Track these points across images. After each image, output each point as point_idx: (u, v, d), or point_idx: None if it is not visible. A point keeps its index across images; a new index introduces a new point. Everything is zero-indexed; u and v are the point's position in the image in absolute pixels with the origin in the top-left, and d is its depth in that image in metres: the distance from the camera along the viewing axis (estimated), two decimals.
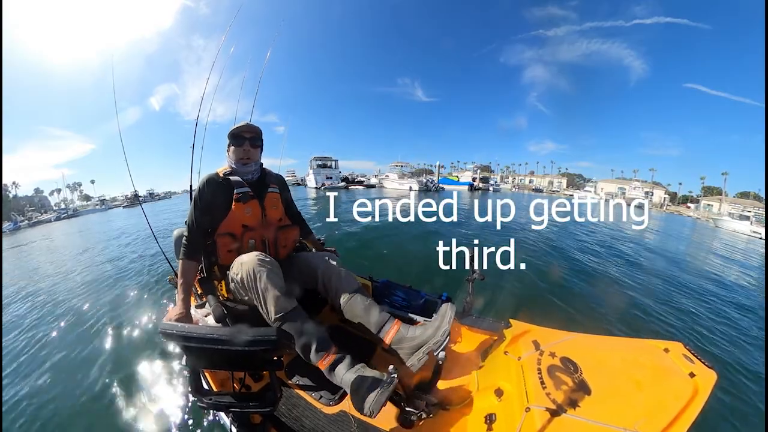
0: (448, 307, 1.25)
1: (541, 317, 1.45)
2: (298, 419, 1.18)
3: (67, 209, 41.19)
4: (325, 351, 1.18)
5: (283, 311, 1.20)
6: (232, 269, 1.34)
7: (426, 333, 1.20)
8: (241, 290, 1.32)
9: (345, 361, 1.16)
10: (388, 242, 6.23)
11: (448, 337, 1.20)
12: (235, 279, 1.31)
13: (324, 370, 1.17)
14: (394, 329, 1.27)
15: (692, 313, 3.65)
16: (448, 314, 1.22)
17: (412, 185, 30.17)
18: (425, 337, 1.20)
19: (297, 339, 1.19)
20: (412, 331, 1.24)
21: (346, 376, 1.12)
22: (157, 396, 2.09)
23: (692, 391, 0.83)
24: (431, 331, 1.20)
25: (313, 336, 1.19)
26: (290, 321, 1.20)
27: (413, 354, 1.20)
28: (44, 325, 3.53)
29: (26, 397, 2.23)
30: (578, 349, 1.06)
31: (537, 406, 0.88)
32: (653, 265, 5.90)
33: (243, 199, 1.45)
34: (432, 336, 1.19)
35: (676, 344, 1.01)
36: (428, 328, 1.22)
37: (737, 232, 19.66)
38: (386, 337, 1.27)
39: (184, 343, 0.92)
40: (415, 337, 1.22)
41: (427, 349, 1.17)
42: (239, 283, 1.29)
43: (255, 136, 1.53)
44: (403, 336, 1.24)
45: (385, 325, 1.29)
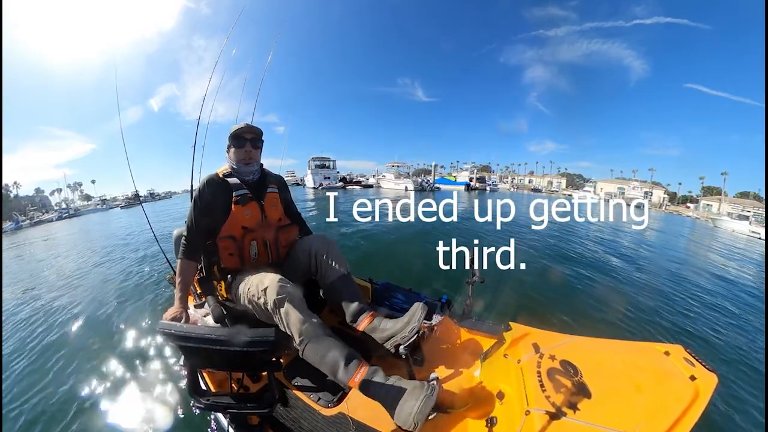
0: (418, 305, 1.29)
1: (541, 320, 1.45)
2: (296, 420, 1.18)
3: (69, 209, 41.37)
4: (356, 368, 1.13)
5: (306, 336, 1.20)
6: (249, 289, 1.34)
7: (396, 327, 1.27)
8: (255, 309, 1.33)
9: (378, 375, 1.11)
10: (388, 244, 6.23)
11: (416, 334, 1.23)
12: (254, 301, 1.31)
13: (357, 387, 1.11)
14: (367, 319, 1.36)
15: (692, 315, 3.64)
16: (418, 313, 1.26)
17: (408, 185, 30.68)
18: (394, 330, 1.26)
19: (322, 360, 1.17)
20: (384, 324, 1.32)
21: (382, 389, 1.07)
22: (155, 396, 2.08)
23: (693, 394, 0.82)
24: (400, 326, 1.26)
25: (339, 355, 1.16)
26: (314, 343, 1.19)
27: (383, 344, 1.29)
28: (41, 324, 3.52)
29: (21, 397, 2.22)
30: (578, 352, 1.06)
31: (537, 410, 0.88)
32: (653, 266, 5.89)
33: (242, 201, 1.45)
34: (400, 330, 1.25)
35: (676, 347, 1.01)
36: (398, 323, 1.28)
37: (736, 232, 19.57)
38: (359, 326, 1.36)
39: (182, 343, 0.92)
40: (386, 329, 1.29)
41: (395, 342, 1.24)
42: (257, 305, 1.30)
43: (256, 137, 1.54)
44: (375, 327, 1.33)
45: (361, 315, 1.38)
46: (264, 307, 1.26)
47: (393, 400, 1.01)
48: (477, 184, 41.92)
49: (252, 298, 1.31)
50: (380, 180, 38.65)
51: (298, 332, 1.19)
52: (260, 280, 1.31)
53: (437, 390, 1.01)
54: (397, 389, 1.03)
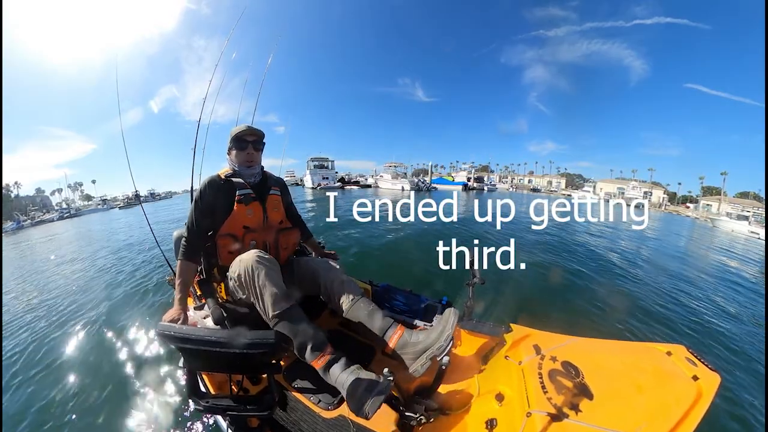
0: (451, 312, 1.24)
1: (542, 321, 1.44)
2: (296, 423, 1.17)
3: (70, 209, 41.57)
4: (321, 351, 1.17)
5: (280, 309, 1.19)
6: (231, 267, 1.33)
7: (430, 338, 1.20)
8: (238, 288, 1.31)
9: (340, 362, 1.15)
10: (388, 245, 6.22)
11: (452, 342, 1.19)
12: (233, 276, 1.30)
13: (319, 369, 1.16)
14: (397, 334, 1.27)
15: (693, 315, 3.63)
16: (452, 319, 1.21)
17: (404, 185, 30.91)
18: (429, 342, 1.19)
19: (294, 337, 1.19)
20: (416, 336, 1.24)
21: (341, 376, 1.12)
22: (154, 398, 2.08)
23: (695, 394, 0.82)
24: (434, 336, 1.19)
25: (311, 335, 1.19)
26: (287, 320, 1.20)
27: (416, 359, 1.20)
28: (40, 325, 3.52)
29: (22, 399, 2.22)
30: (579, 353, 1.05)
31: (538, 411, 0.87)
32: (653, 266, 5.89)
33: (245, 200, 1.45)
34: (435, 341, 1.18)
35: (678, 347, 1.00)
36: (431, 332, 1.21)
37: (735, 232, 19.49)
38: (390, 342, 1.26)
39: (182, 345, 0.91)
40: (419, 342, 1.21)
41: (431, 354, 1.17)
42: (237, 280, 1.28)
43: (258, 139, 1.53)
44: (406, 341, 1.24)
45: (388, 330, 1.29)
46: (238, 280, 1.26)
47: (353, 388, 1.06)
48: (475, 184, 42.18)
49: (232, 276, 1.30)
50: (378, 180, 38.93)
51: (271, 303, 1.19)
52: (240, 257, 1.30)
53: (390, 384, 1.06)
54: (356, 380, 1.08)
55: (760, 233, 18.29)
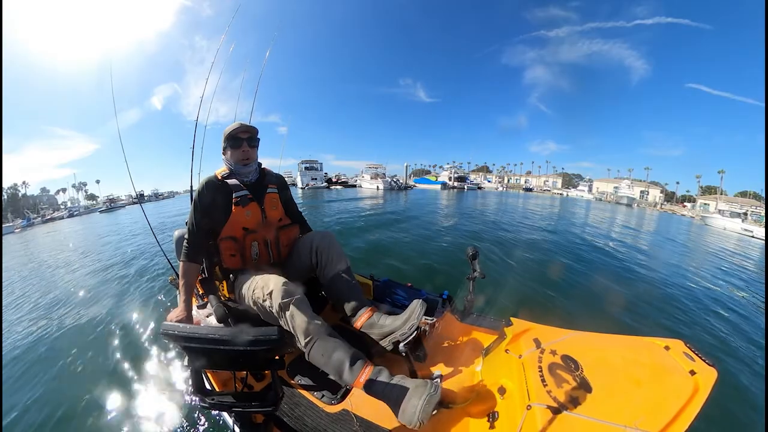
0: (418, 302, 1.29)
1: (542, 315, 1.45)
2: (300, 418, 1.18)
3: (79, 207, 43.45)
4: (361, 368, 1.13)
5: (311, 337, 1.20)
6: (253, 292, 1.33)
7: (395, 324, 1.27)
8: (263, 313, 1.32)
9: (383, 374, 1.11)
10: (389, 241, 6.24)
11: (416, 331, 1.24)
12: (258, 303, 1.31)
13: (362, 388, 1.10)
14: (366, 315, 1.36)
15: (690, 310, 3.64)
16: (417, 310, 1.26)
17: (379, 185, 34.02)
18: (393, 327, 1.27)
19: (327, 362, 1.16)
20: (383, 320, 1.32)
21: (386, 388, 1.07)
22: (159, 397, 2.10)
23: (693, 388, 0.83)
24: (399, 323, 1.26)
25: (345, 355, 1.15)
26: (319, 345, 1.19)
27: (380, 341, 1.29)
28: (43, 324, 3.55)
29: (25, 397, 2.25)
30: (579, 347, 1.06)
31: (538, 404, 0.88)
32: (649, 261, 5.89)
33: (242, 202, 1.45)
34: (399, 327, 1.25)
35: (676, 342, 1.01)
36: (397, 319, 1.29)
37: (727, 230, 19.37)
38: (358, 321, 1.36)
39: (186, 344, 0.92)
40: (384, 326, 1.30)
41: (393, 338, 1.25)
42: (262, 307, 1.29)
43: (252, 135, 1.52)
44: (373, 322, 1.33)
45: (360, 310, 1.38)
46: (269, 310, 1.26)
47: (397, 398, 1.02)
48: (456, 183, 45.14)
49: (257, 301, 1.31)
50: (360, 180, 42.46)
51: (303, 334, 1.20)
52: (265, 283, 1.30)
53: (440, 388, 1.02)
54: (400, 388, 1.04)
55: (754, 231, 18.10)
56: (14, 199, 59.08)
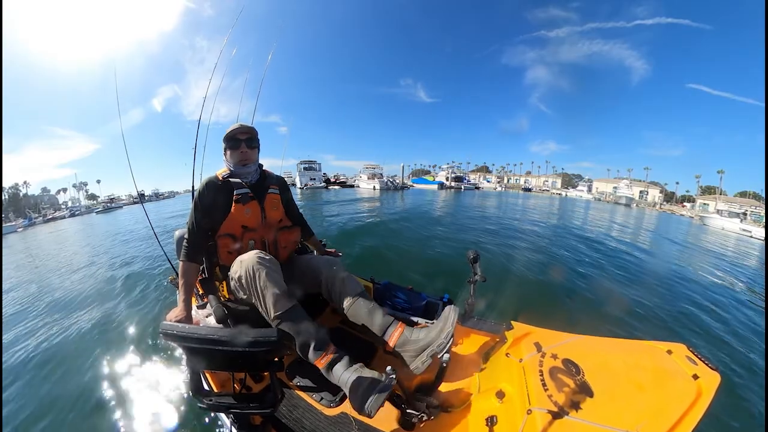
0: (451, 309, 1.24)
1: (542, 319, 1.44)
2: (298, 421, 1.18)
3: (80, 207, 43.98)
4: (324, 350, 1.18)
5: (282, 309, 1.20)
6: (232, 268, 1.33)
7: (430, 335, 1.20)
8: (240, 289, 1.32)
9: (343, 361, 1.16)
10: (389, 243, 6.23)
11: (452, 339, 1.18)
12: (234, 277, 1.30)
13: (322, 368, 1.17)
14: (398, 332, 1.26)
15: (692, 314, 3.62)
16: (452, 316, 1.21)
17: (375, 185, 34.71)
18: (429, 340, 1.19)
19: (296, 337, 1.19)
20: (416, 334, 1.23)
21: (344, 375, 1.12)
22: (157, 397, 2.09)
23: (696, 393, 0.82)
24: (434, 334, 1.19)
25: (313, 334, 1.19)
26: (289, 320, 1.20)
27: (417, 356, 1.19)
28: (42, 322, 3.55)
29: (24, 396, 2.24)
30: (580, 351, 1.05)
31: (538, 408, 0.87)
32: (646, 263, 5.87)
33: (242, 200, 1.45)
34: (436, 338, 1.18)
35: (679, 346, 1.00)
36: (431, 330, 1.21)
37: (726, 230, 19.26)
38: (390, 340, 1.26)
39: (185, 344, 0.92)
40: (419, 340, 1.21)
41: (431, 351, 1.16)
42: (238, 281, 1.29)
43: (251, 137, 1.52)
44: (407, 339, 1.23)
45: (389, 328, 1.29)
46: (239, 281, 1.26)
47: (355, 386, 1.06)
48: (452, 183, 46.26)
49: (233, 276, 1.30)
50: (358, 180, 43.29)
51: (273, 304, 1.20)
52: (240, 257, 1.30)
53: (393, 382, 1.06)
54: (358, 378, 1.08)
55: (752, 231, 18.01)
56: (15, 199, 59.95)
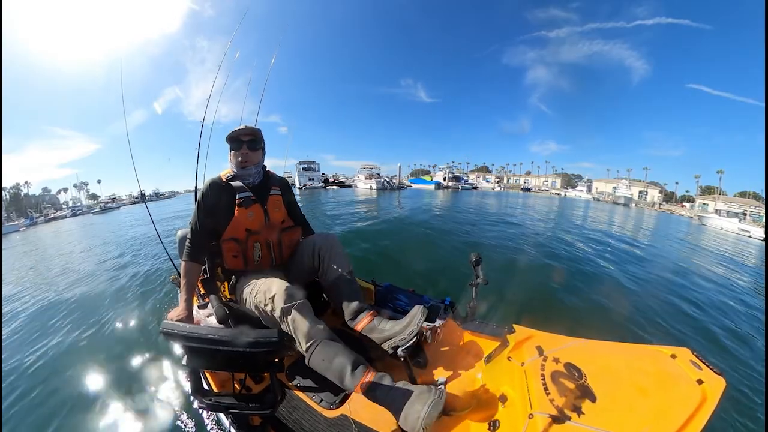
0: (419, 308, 1.29)
1: (545, 322, 1.43)
2: (298, 422, 1.17)
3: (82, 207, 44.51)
4: (362, 373, 1.13)
5: (313, 342, 1.20)
6: (255, 295, 1.34)
7: (395, 329, 1.27)
8: (264, 317, 1.33)
9: (386, 379, 1.11)
10: (391, 245, 6.22)
11: (415, 337, 1.23)
12: (260, 307, 1.31)
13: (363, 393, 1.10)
14: (367, 319, 1.35)
15: (696, 317, 3.59)
16: (418, 315, 1.26)
17: (372, 185, 35.28)
18: (393, 332, 1.26)
19: (329, 367, 1.17)
20: (383, 324, 1.31)
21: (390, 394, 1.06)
22: (157, 396, 2.09)
23: (700, 398, 0.81)
24: (399, 328, 1.26)
25: (347, 360, 1.16)
26: (321, 350, 1.19)
27: (381, 345, 1.29)
28: (42, 321, 3.56)
29: (23, 396, 2.24)
30: (582, 355, 1.05)
31: (540, 413, 0.87)
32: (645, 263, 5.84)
33: (245, 204, 1.46)
34: (399, 333, 1.24)
35: (683, 350, 0.99)
36: (397, 324, 1.28)
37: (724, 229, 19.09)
38: (358, 325, 1.35)
39: (185, 343, 0.92)
40: (384, 330, 1.29)
41: (393, 343, 1.24)
42: (264, 311, 1.30)
43: (253, 138, 1.53)
44: (374, 326, 1.32)
45: (361, 314, 1.38)
46: (271, 314, 1.26)
47: (399, 404, 1.01)
48: (450, 183, 46.96)
49: (259, 305, 1.31)
50: (355, 180, 43.88)
51: (305, 339, 1.20)
52: (267, 287, 1.30)
53: (445, 394, 1.01)
54: (403, 393, 1.03)
55: (751, 231, 17.86)
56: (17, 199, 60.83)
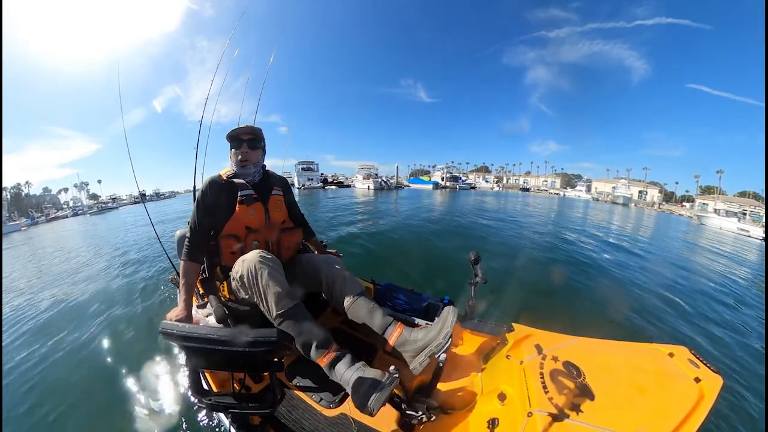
0: (450, 310, 1.24)
1: (543, 321, 1.43)
2: (297, 421, 1.17)
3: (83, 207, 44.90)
4: (326, 348, 1.18)
5: (284, 308, 1.20)
6: (234, 267, 1.33)
7: (428, 336, 1.20)
8: (241, 288, 1.32)
9: (345, 359, 1.16)
10: (390, 244, 6.23)
11: (451, 340, 1.19)
12: (236, 277, 1.30)
13: (324, 366, 1.17)
14: (397, 332, 1.27)
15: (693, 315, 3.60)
16: (450, 317, 1.21)
17: (370, 185, 35.80)
18: (427, 340, 1.19)
19: (298, 336, 1.19)
20: (415, 334, 1.24)
21: (346, 373, 1.12)
22: (157, 396, 2.09)
23: (698, 396, 0.81)
24: (433, 334, 1.19)
25: (315, 333, 1.19)
26: (291, 318, 1.20)
27: (415, 357, 1.20)
28: (41, 320, 3.55)
29: (23, 395, 2.24)
30: (581, 354, 1.05)
31: (539, 411, 0.87)
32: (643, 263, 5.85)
33: (247, 201, 1.45)
34: (434, 339, 1.18)
35: (681, 348, 1.00)
36: (430, 331, 1.21)
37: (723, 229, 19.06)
38: (390, 339, 1.26)
39: (185, 344, 0.92)
40: (418, 340, 1.21)
41: (430, 351, 1.17)
42: (239, 280, 1.29)
43: (253, 137, 1.52)
44: (406, 339, 1.24)
45: (388, 328, 1.29)
46: (241, 281, 1.26)
47: (357, 385, 1.06)
48: (448, 183, 47.41)
49: (235, 276, 1.31)
50: (354, 180, 44.58)
51: (275, 303, 1.20)
52: (243, 257, 1.30)
53: (396, 381, 1.05)
54: (360, 377, 1.08)
55: (750, 230, 17.81)
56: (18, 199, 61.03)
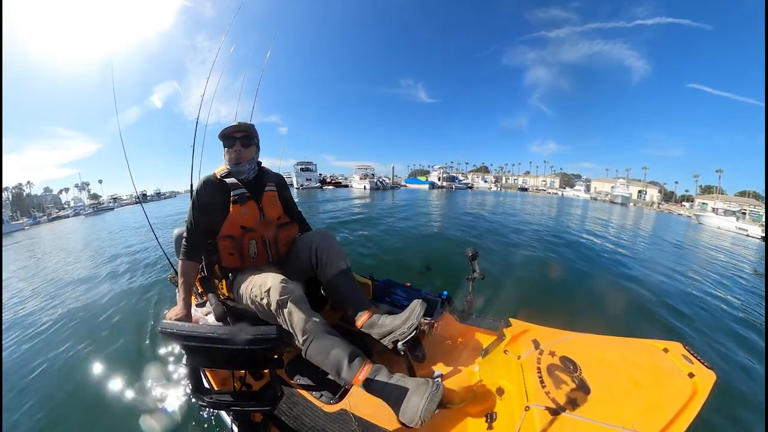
0: (417, 302, 1.30)
1: (541, 316, 1.45)
2: (298, 418, 1.18)
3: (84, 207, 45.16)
4: (359, 366, 1.13)
5: (309, 334, 1.21)
6: (251, 290, 1.35)
7: (394, 323, 1.28)
8: (261, 312, 1.33)
9: (382, 373, 1.11)
10: (389, 241, 6.24)
11: (415, 331, 1.24)
12: (256, 301, 1.32)
13: (360, 385, 1.11)
14: (366, 315, 1.36)
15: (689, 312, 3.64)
16: (418, 309, 1.27)
17: (366, 185, 36.48)
18: (392, 327, 1.27)
19: (325, 360, 1.17)
20: (383, 320, 1.33)
21: (386, 387, 1.07)
22: (157, 395, 2.09)
23: (691, 391, 0.83)
24: (399, 323, 1.27)
25: (343, 353, 1.16)
26: (317, 342, 1.20)
27: (381, 340, 1.30)
28: (40, 319, 3.54)
29: (22, 393, 2.24)
30: (578, 349, 1.06)
31: (537, 405, 0.88)
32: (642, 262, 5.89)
33: (240, 201, 1.45)
34: (399, 327, 1.25)
35: (675, 344, 1.01)
36: (397, 319, 1.29)
37: (721, 228, 19.12)
38: (358, 321, 1.36)
39: (184, 342, 0.92)
40: (384, 325, 1.30)
41: (393, 338, 1.26)
42: (260, 305, 1.31)
43: (246, 135, 1.51)
44: (374, 322, 1.34)
45: (360, 311, 1.39)
46: (267, 308, 1.27)
47: (397, 397, 1.02)
48: (444, 183, 47.98)
49: (255, 299, 1.32)
50: (351, 180, 45.31)
51: (301, 332, 1.21)
52: (263, 281, 1.31)
53: (441, 387, 1.02)
54: (401, 387, 1.04)
55: (748, 230, 17.89)
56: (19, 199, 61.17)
